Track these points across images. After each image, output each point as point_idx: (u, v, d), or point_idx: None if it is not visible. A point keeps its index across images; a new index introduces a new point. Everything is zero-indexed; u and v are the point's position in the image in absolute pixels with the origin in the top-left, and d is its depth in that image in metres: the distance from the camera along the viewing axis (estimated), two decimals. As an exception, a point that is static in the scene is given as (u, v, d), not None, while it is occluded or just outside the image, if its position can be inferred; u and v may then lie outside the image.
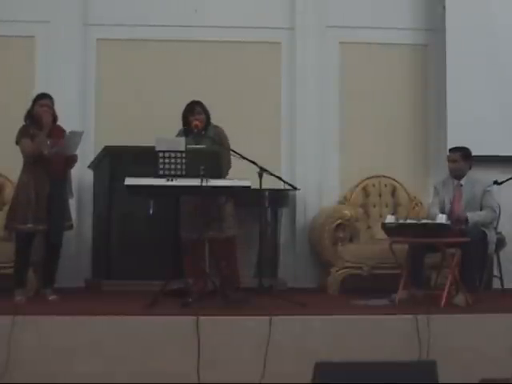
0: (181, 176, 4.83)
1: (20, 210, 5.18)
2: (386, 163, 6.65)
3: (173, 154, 4.85)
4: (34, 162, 5.18)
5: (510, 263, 5.96)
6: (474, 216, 5.30)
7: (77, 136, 5.24)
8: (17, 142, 5.24)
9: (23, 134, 5.22)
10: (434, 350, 4.40)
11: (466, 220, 5.26)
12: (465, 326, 4.64)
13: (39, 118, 5.20)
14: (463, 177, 5.54)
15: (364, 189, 6.62)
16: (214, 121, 5.46)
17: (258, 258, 5.42)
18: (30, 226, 5.13)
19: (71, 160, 5.32)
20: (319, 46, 6.72)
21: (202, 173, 4.75)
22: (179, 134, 5.38)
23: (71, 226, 5.43)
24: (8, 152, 5.32)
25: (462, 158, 5.52)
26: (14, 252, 5.24)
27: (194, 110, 5.35)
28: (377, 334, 4.54)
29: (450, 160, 5.56)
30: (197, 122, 5.29)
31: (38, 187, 5.16)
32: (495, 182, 5.56)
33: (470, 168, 5.56)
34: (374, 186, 6.62)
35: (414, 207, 6.54)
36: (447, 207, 5.52)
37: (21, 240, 5.22)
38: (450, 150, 5.64)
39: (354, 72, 6.75)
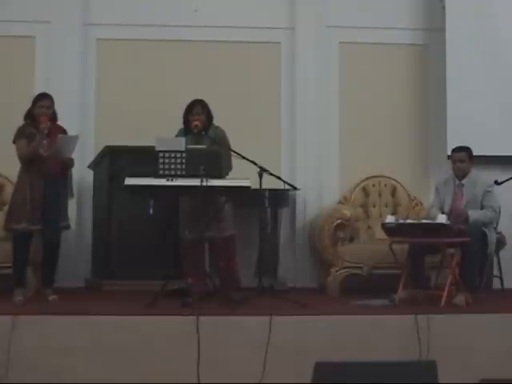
0: (181, 176, 4.83)
1: (15, 209, 5.22)
2: (385, 163, 6.65)
3: (173, 154, 4.85)
4: (28, 163, 5.19)
5: (510, 263, 5.96)
6: (474, 214, 5.30)
7: (71, 140, 5.23)
8: (14, 142, 5.27)
9: (19, 134, 5.25)
10: (434, 350, 4.41)
11: (467, 218, 5.25)
12: (465, 326, 4.64)
13: (38, 121, 5.20)
14: (465, 176, 5.54)
15: (364, 189, 6.62)
16: (214, 120, 5.46)
17: (258, 257, 5.42)
18: (24, 225, 5.14)
19: (67, 164, 5.30)
20: (319, 46, 6.72)
21: (202, 173, 4.75)
22: (178, 134, 5.39)
23: (68, 226, 5.41)
24: (8, 152, 5.32)
25: (469, 158, 5.53)
26: (12, 252, 5.25)
27: (192, 109, 5.36)
28: (377, 334, 4.54)
29: (458, 160, 5.54)
30: (196, 122, 5.30)
31: (33, 187, 5.17)
32: (495, 182, 5.56)
33: (472, 167, 5.58)
34: (373, 186, 6.62)
35: (414, 207, 6.54)
36: (448, 207, 5.52)
37: (17, 240, 5.23)
38: (455, 149, 5.61)
39: (354, 72, 6.75)
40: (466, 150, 5.55)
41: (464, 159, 5.53)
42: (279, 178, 5.41)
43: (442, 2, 6.68)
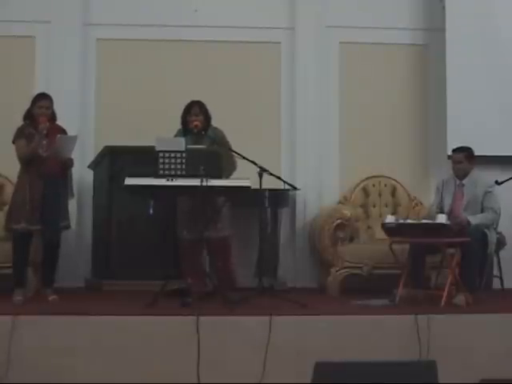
0: (181, 176, 4.83)
1: (15, 210, 5.23)
2: (386, 163, 6.65)
3: (173, 154, 4.85)
4: (27, 163, 5.19)
5: (510, 263, 5.96)
6: (475, 219, 5.29)
7: (70, 140, 5.23)
8: (13, 142, 5.27)
9: (19, 134, 5.25)
10: (434, 350, 4.41)
11: (468, 224, 5.24)
12: (465, 326, 4.64)
13: (37, 121, 5.20)
14: (466, 176, 5.54)
15: (364, 189, 6.62)
16: (213, 120, 5.46)
17: (257, 257, 5.41)
18: (23, 225, 5.15)
19: (66, 164, 5.30)
20: (319, 46, 6.72)
21: (201, 173, 4.75)
22: (177, 134, 5.39)
23: (68, 226, 5.42)
24: (8, 152, 5.32)
25: (467, 159, 5.53)
26: (12, 252, 5.25)
27: (190, 110, 5.36)
28: (377, 334, 4.54)
29: (455, 161, 5.55)
30: (196, 123, 5.30)
31: (32, 187, 5.17)
32: (496, 182, 5.55)
33: (472, 168, 5.57)
34: (373, 186, 6.62)
35: (414, 207, 6.54)
36: (448, 207, 5.53)
37: (17, 240, 5.23)
38: (454, 150, 5.62)
39: (354, 72, 6.75)
40: (464, 150, 5.55)
41: (461, 160, 5.52)
42: (279, 178, 5.41)
43: (442, 1, 6.68)
